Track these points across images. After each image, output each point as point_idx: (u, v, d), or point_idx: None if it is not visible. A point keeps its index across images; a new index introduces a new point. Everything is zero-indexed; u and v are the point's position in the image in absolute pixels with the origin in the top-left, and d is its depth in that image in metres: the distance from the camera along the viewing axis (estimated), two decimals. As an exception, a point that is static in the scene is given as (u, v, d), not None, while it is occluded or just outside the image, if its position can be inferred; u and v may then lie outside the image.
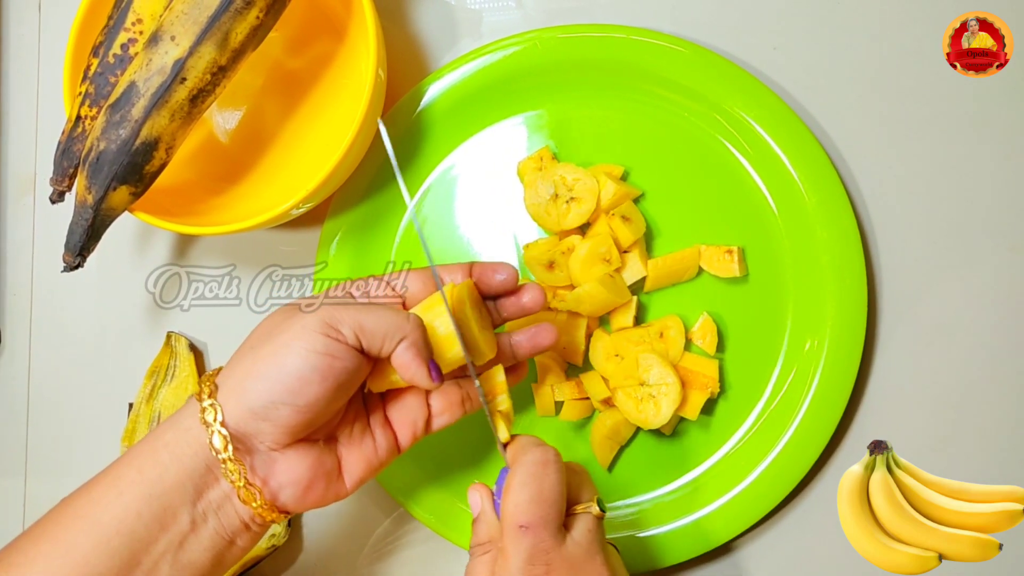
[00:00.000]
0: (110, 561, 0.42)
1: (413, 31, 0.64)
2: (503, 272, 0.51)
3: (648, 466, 0.59)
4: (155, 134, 0.52)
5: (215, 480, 0.44)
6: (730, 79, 0.59)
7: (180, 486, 0.44)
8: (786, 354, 0.58)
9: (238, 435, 0.44)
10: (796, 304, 0.59)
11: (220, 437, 0.44)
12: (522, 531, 0.45)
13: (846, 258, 0.57)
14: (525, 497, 0.45)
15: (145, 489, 0.43)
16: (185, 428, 0.45)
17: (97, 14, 0.57)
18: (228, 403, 0.44)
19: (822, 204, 0.58)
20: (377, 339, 0.45)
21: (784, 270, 0.59)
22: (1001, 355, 0.59)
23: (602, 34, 0.60)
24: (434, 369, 0.46)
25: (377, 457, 0.49)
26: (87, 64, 0.56)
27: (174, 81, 0.51)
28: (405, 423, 0.50)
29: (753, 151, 0.59)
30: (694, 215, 0.60)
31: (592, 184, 0.58)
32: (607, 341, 0.58)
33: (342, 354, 0.44)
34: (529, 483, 0.46)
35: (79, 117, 0.55)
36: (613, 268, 0.58)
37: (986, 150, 0.59)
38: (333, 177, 0.55)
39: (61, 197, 0.56)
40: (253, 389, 0.44)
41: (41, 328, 0.66)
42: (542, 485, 0.46)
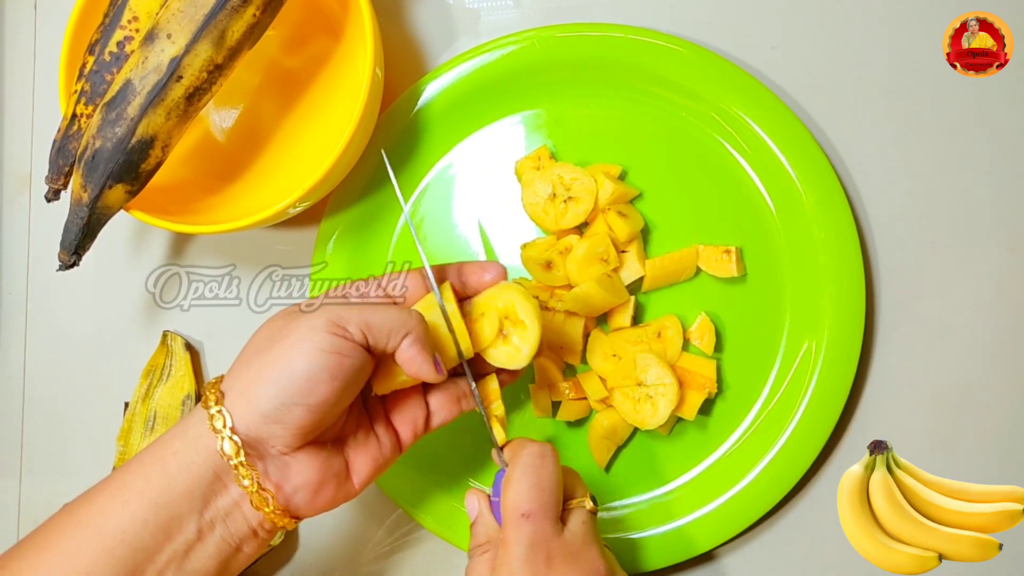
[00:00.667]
0: (113, 570, 0.42)
1: (410, 30, 0.64)
2: (491, 271, 0.51)
3: (646, 466, 0.59)
4: (151, 132, 0.52)
5: (224, 488, 0.44)
6: (728, 79, 0.59)
7: (188, 495, 0.44)
8: (784, 354, 0.58)
9: (249, 440, 0.44)
10: (794, 304, 0.58)
11: (231, 443, 0.44)
12: (524, 519, 0.46)
13: (844, 258, 0.57)
14: (526, 486, 0.47)
15: (152, 498, 0.43)
16: (194, 436, 0.44)
17: (93, 12, 0.57)
18: (237, 409, 0.44)
19: (820, 204, 0.57)
20: (383, 335, 0.46)
21: (782, 270, 0.59)
22: (1001, 355, 0.58)
23: (600, 33, 0.60)
24: (437, 363, 0.47)
25: (382, 456, 0.49)
26: (83, 62, 0.55)
27: (170, 79, 0.51)
28: (406, 422, 0.50)
29: (752, 151, 0.59)
30: (692, 214, 0.60)
31: (590, 184, 0.57)
32: (604, 341, 0.58)
33: (350, 352, 0.45)
34: (529, 473, 0.47)
35: (75, 115, 0.55)
36: (611, 268, 0.57)
37: (986, 150, 0.59)
38: (330, 175, 0.55)
39: (56, 195, 0.56)
40: (263, 393, 0.44)
41: (36, 327, 0.66)
42: (540, 475, 0.47)
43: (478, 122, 0.62)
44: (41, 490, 0.65)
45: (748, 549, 0.59)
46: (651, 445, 0.59)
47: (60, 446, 0.65)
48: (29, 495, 0.65)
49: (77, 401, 0.65)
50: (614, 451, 0.59)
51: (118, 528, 0.42)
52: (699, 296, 0.59)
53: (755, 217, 0.59)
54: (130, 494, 0.43)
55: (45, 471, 0.65)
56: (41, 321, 0.66)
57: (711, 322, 0.58)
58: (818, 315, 0.57)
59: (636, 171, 0.60)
